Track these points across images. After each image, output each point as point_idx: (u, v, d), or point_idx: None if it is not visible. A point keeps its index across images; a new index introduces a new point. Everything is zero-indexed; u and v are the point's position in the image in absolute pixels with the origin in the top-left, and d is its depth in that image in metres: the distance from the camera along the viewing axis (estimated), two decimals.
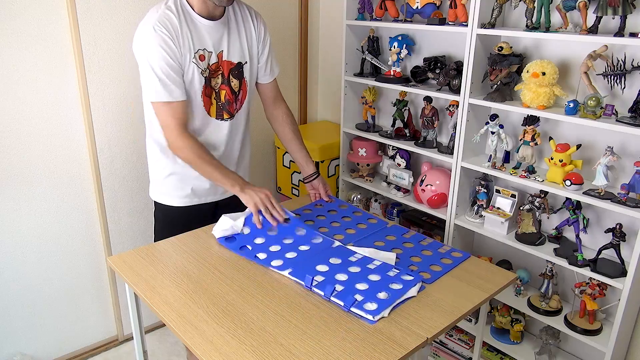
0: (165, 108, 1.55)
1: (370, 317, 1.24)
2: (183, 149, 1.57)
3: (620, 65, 1.65)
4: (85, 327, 2.35)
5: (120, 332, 2.46)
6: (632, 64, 1.65)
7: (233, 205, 1.82)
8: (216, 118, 1.70)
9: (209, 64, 1.62)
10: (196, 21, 1.59)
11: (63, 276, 2.21)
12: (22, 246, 2.07)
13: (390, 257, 1.52)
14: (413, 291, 1.35)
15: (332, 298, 1.30)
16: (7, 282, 2.07)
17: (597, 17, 1.61)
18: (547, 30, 1.73)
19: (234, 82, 1.70)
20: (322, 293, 1.33)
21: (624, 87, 1.69)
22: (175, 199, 1.77)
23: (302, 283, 1.38)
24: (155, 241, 1.74)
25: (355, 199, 2.62)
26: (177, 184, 1.75)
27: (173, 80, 1.54)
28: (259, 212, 1.59)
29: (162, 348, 2.43)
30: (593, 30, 1.63)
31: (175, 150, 1.60)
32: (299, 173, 2.69)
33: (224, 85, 1.67)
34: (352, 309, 1.26)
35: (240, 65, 1.70)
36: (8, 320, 2.11)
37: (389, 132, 2.41)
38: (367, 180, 2.54)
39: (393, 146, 2.40)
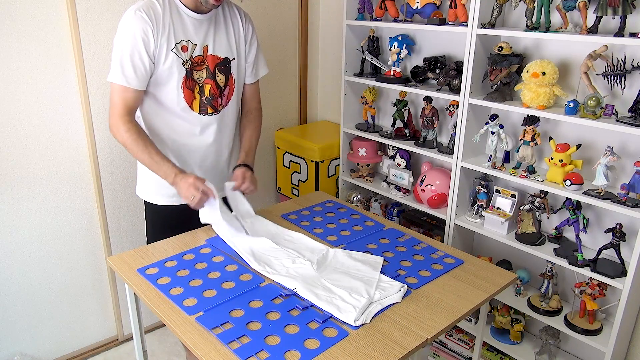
0: (119, 90, 1.54)
1: (351, 322, 1.23)
2: (121, 130, 1.54)
3: (620, 65, 1.65)
4: (85, 327, 2.35)
5: (120, 332, 2.46)
6: (632, 64, 1.65)
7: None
8: (199, 113, 1.68)
9: (191, 55, 1.61)
10: (182, 13, 1.59)
11: (63, 276, 2.21)
12: (22, 246, 2.07)
13: (377, 260, 1.51)
14: (397, 297, 1.34)
15: (316, 303, 1.30)
16: (7, 282, 2.07)
17: (597, 17, 1.61)
18: (547, 30, 1.73)
19: (220, 77, 1.68)
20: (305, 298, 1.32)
21: (624, 87, 1.69)
22: (164, 197, 1.74)
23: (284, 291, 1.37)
24: (147, 243, 1.73)
25: (355, 199, 2.62)
26: (163, 181, 1.70)
27: (135, 68, 1.53)
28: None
29: (162, 348, 2.43)
30: (593, 30, 1.63)
31: (114, 131, 1.57)
32: (299, 173, 2.69)
33: (208, 80, 1.66)
34: (334, 314, 1.26)
35: (227, 61, 1.70)
36: (8, 320, 2.11)
37: (389, 132, 2.41)
38: (367, 180, 2.54)
39: (393, 146, 2.40)
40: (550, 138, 1.85)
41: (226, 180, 1.83)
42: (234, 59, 1.71)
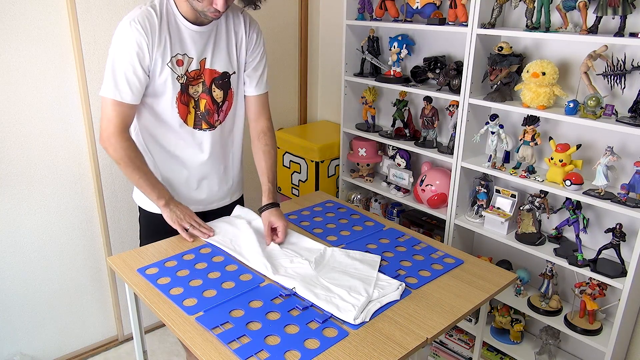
0: (112, 105, 1.48)
1: (350, 321, 1.23)
2: (115, 146, 1.50)
3: (620, 65, 1.65)
4: (85, 327, 2.35)
5: (120, 332, 2.46)
6: (632, 64, 1.65)
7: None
8: (194, 127, 1.63)
9: (187, 70, 1.55)
10: (180, 24, 1.52)
11: (63, 276, 2.21)
12: (22, 246, 2.07)
13: (375, 259, 1.51)
14: (395, 295, 1.34)
15: (315, 303, 1.30)
16: (7, 282, 2.07)
17: (597, 17, 1.61)
18: (547, 30, 1.73)
19: (217, 93, 1.62)
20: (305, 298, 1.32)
21: (624, 87, 1.69)
22: (153, 205, 1.67)
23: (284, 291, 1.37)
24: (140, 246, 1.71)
25: (355, 199, 2.62)
26: None
27: (129, 82, 1.47)
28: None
29: (162, 348, 2.43)
30: (593, 30, 1.63)
31: (107, 146, 1.51)
32: (299, 173, 2.69)
33: (204, 94, 1.59)
34: (334, 313, 1.26)
35: (226, 75, 1.63)
36: (8, 320, 2.11)
37: (389, 132, 2.41)
38: (367, 180, 2.54)
39: (393, 146, 2.40)
40: (550, 138, 1.85)
41: (219, 195, 1.79)
42: (234, 72, 1.64)
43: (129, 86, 1.47)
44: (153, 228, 1.74)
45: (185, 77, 1.55)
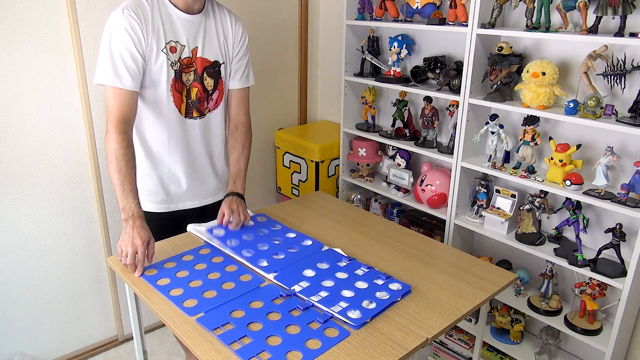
0: (113, 93, 1.48)
1: (352, 323, 1.23)
2: (111, 139, 1.46)
3: (620, 65, 1.66)
4: (85, 327, 2.35)
5: (120, 332, 2.46)
6: (632, 64, 1.66)
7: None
8: (185, 116, 1.64)
9: (180, 57, 1.57)
10: (171, 12, 1.55)
11: (63, 276, 2.21)
12: (22, 246, 2.07)
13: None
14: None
15: (316, 303, 1.30)
16: (7, 282, 2.07)
17: (597, 17, 1.62)
18: (547, 30, 1.73)
19: (208, 81, 1.65)
20: (306, 298, 1.32)
21: (624, 87, 1.69)
22: (153, 204, 1.71)
23: (286, 287, 1.37)
24: None
25: (355, 199, 2.62)
26: (152, 188, 1.69)
27: (128, 67, 1.48)
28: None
29: (162, 348, 2.43)
30: (593, 30, 1.63)
31: (105, 138, 1.49)
32: (299, 173, 2.69)
33: (196, 83, 1.63)
34: (336, 315, 1.26)
35: (217, 64, 1.66)
36: (8, 320, 2.11)
37: (389, 132, 2.41)
38: (367, 180, 2.54)
39: (393, 146, 2.40)
40: (550, 138, 1.85)
41: (212, 187, 1.79)
42: (223, 62, 1.69)
43: (128, 72, 1.49)
44: (152, 228, 1.74)
45: (179, 64, 1.58)
